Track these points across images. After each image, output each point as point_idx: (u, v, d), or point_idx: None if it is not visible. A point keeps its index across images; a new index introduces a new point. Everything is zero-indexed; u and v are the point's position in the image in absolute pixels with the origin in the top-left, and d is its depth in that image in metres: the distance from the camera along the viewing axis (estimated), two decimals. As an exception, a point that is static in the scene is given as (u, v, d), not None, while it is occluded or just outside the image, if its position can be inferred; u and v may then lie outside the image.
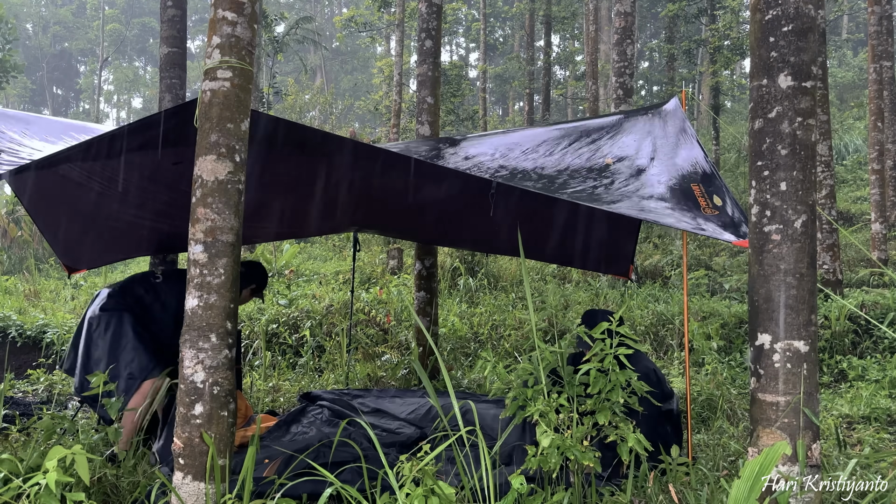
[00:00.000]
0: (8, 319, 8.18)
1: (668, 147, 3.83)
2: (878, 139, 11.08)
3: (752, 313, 2.71)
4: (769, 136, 2.67)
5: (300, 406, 5.17)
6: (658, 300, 9.11)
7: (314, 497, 3.17)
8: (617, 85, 9.66)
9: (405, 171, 4.61)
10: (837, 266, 7.78)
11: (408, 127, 19.99)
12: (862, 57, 26.84)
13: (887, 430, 4.87)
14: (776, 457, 2.40)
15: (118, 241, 5.39)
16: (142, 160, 4.17)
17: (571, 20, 23.40)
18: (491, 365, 3.33)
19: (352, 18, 22.52)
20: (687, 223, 3.26)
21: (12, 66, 21.35)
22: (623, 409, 3.14)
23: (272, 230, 6.53)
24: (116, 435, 3.64)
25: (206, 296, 2.79)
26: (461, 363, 7.37)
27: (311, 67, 42.00)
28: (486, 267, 11.17)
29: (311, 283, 11.01)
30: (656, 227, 12.69)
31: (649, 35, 38.73)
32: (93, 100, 46.68)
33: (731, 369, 6.57)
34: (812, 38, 2.67)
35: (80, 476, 2.60)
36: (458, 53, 48.45)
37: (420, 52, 6.62)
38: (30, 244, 16.18)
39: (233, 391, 2.85)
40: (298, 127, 4.04)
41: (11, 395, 5.95)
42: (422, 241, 6.61)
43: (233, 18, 2.89)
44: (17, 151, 4.01)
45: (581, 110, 28.12)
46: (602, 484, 3.40)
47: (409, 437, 4.46)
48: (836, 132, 18.48)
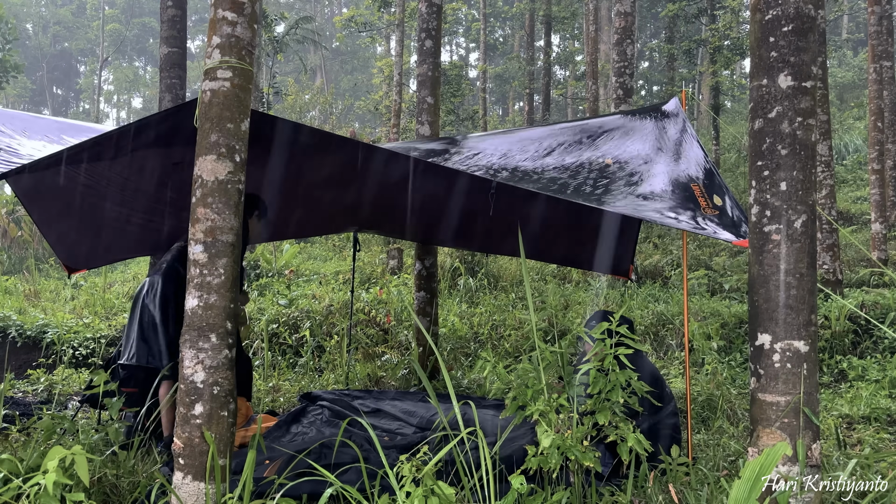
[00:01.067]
0: (8, 319, 8.18)
1: (668, 147, 3.83)
2: (878, 139, 11.08)
3: (752, 313, 2.71)
4: (769, 136, 2.67)
5: (300, 406, 5.17)
6: (658, 300, 9.11)
7: (314, 497, 3.17)
8: (617, 85, 9.66)
9: (405, 171, 4.61)
10: (837, 266, 7.78)
11: (408, 127, 19.98)
12: (862, 57, 26.84)
13: (887, 430, 4.87)
14: (776, 457, 2.40)
15: (118, 241, 5.39)
16: (142, 160, 4.17)
17: (571, 20, 23.39)
18: (491, 365, 3.33)
19: (352, 18, 22.52)
20: (687, 223, 3.26)
21: (12, 66, 21.35)
22: (623, 410, 3.14)
23: (272, 230, 6.53)
24: (117, 435, 3.64)
25: (206, 296, 2.79)
26: (461, 363, 7.37)
27: (311, 67, 42.02)
28: (486, 267, 11.17)
29: (311, 283, 11.02)
30: (656, 227, 12.69)
31: (649, 35, 38.72)
32: (93, 100, 46.68)
33: (731, 369, 6.57)
34: (812, 38, 2.67)
35: (79, 477, 2.60)
36: (458, 53, 48.45)
37: (420, 52, 6.62)
38: (30, 244, 16.18)
39: (233, 391, 2.85)
40: (298, 127, 4.04)
41: (11, 395, 5.96)
42: (422, 241, 6.62)
43: (233, 18, 2.89)
44: (16, 151, 4.01)
45: (581, 110, 28.12)
46: (602, 484, 3.40)
47: (409, 437, 4.46)
48: (836, 132, 18.47)
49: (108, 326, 8.36)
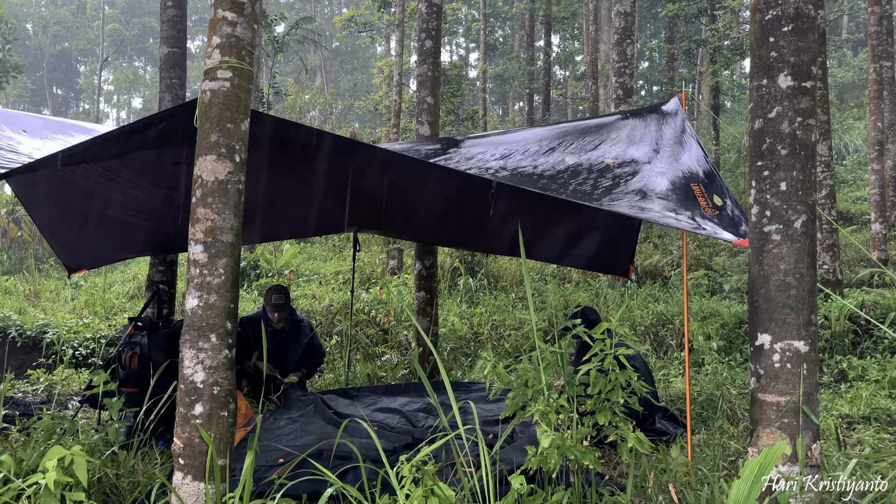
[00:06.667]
0: (8, 319, 8.18)
1: (668, 147, 3.83)
2: (878, 139, 11.08)
3: (752, 313, 2.71)
4: (769, 136, 2.67)
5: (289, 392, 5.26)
6: (658, 300, 9.11)
7: (314, 497, 3.17)
8: (617, 85, 9.66)
9: (405, 172, 4.61)
10: (837, 266, 7.78)
11: (408, 127, 19.98)
12: (862, 57, 26.82)
13: (887, 430, 4.87)
14: (776, 457, 2.40)
15: (118, 241, 5.39)
16: (141, 160, 4.17)
17: (571, 20, 23.37)
18: (491, 365, 3.33)
19: (352, 18, 22.52)
20: (687, 223, 3.26)
21: (12, 66, 21.34)
22: (623, 410, 3.14)
23: (273, 230, 6.53)
24: (117, 435, 3.64)
25: (205, 296, 2.79)
26: (461, 363, 7.36)
27: (311, 67, 41.98)
28: (486, 267, 11.16)
29: (311, 284, 11.02)
30: (656, 227, 12.69)
31: (649, 35, 38.70)
32: (93, 100, 46.66)
33: (731, 369, 6.56)
34: (812, 38, 2.67)
35: (78, 477, 2.60)
36: (458, 53, 48.42)
37: (420, 52, 6.62)
38: (30, 244, 16.18)
39: (233, 391, 2.85)
40: (298, 127, 4.04)
41: (11, 395, 5.95)
42: (422, 241, 6.62)
43: (233, 18, 2.89)
44: (16, 151, 4.01)
45: (581, 110, 28.11)
46: (602, 483, 3.40)
47: (407, 432, 4.47)
48: (836, 132, 18.47)
49: (108, 326, 8.36)
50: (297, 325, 5.88)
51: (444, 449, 3.65)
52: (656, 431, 4.52)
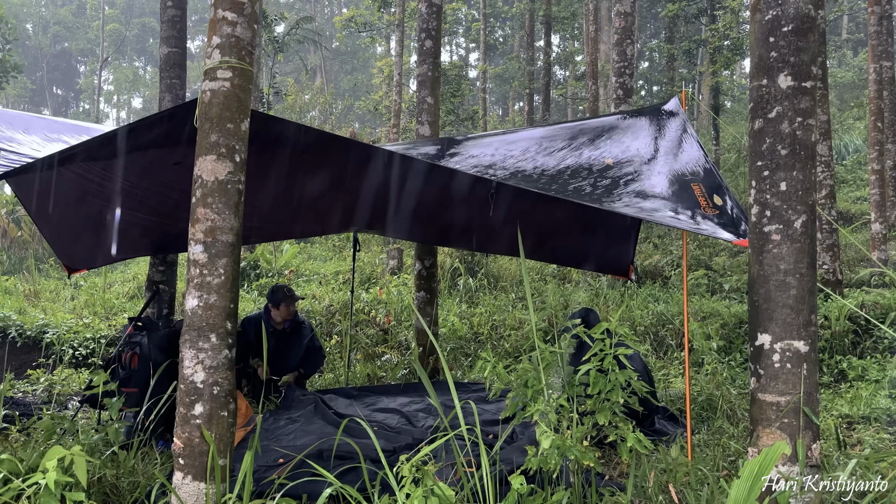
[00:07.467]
0: (8, 319, 8.17)
1: (668, 147, 3.83)
2: (878, 139, 11.07)
3: (752, 313, 2.71)
4: (769, 136, 2.67)
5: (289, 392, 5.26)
6: (658, 300, 9.10)
7: (314, 497, 3.17)
8: (617, 85, 9.66)
9: (405, 172, 4.61)
10: (837, 266, 7.78)
11: (408, 127, 19.98)
12: (862, 57, 26.82)
13: (887, 430, 4.87)
14: (776, 457, 2.40)
15: (118, 241, 5.39)
16: (141, 160, 4.17)
17: (571, 20, 23.37)
18: (491, 365, 3.33)
19: (352, 18, 22.52)
20: (687, 222, 3.26)
21: (12, 66, 21.35)
22: (623, 410, 3.14)
23: (272, 230, 6.53)
24: (117, 435, 3.64)
25: (205, 296, 2.79)
26: (461, 363, 7.36)
27: (311, 67, 41.97)
28: (486, 267, 11.16)
29: (311, 284, 11.02)
30: (656, 227, 12.69)
31: (649, 35, 38.69)
32: (93, 100, 46.65)
33: (731, 369, 6.56)
34: (812, 38, 2.67)
35: (78, 478, 2.60)
36: (458, 53, 48.41)
37: (420, 52, 6.62)
38: (30, 244, 16.17)
39: (233, 391, 2.85)
40: (298, 127, 4.03)
41: (11, 395, 5.95)
42: (422, 241, 6.61)
43: (233, 18, 2.89)
44: (16, 151, 4.01)
45: (581, 110, 28.10)
46: (602, 483, 3.40)
47: (407, 432, 4.47)
48: (836, 132, 18.47)
49: (108, 326, 8.35)
50: (298, 325, 5.89)
51: (444, 449, 3.65)
52: (656, 431, 4.52)
